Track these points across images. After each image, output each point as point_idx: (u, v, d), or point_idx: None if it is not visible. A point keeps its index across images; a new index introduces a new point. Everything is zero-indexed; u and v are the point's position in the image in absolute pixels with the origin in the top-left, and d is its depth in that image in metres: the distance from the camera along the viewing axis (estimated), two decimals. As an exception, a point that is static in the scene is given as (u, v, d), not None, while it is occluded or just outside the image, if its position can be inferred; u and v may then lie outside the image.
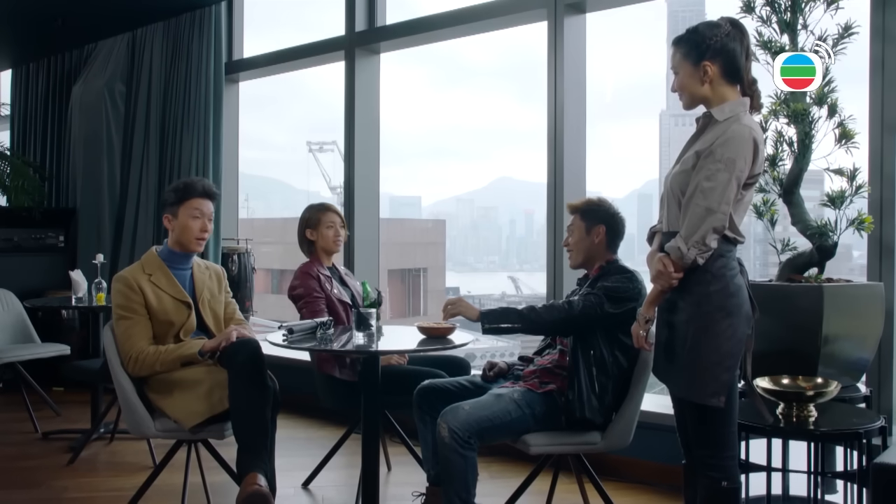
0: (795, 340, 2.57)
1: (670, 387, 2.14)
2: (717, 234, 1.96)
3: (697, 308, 2.01)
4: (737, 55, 2.04)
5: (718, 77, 2.05)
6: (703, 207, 1.96)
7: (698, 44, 2.05)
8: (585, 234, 2.69)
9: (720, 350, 1.99)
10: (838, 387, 2.34)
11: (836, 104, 2.69)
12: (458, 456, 2.37)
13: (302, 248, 3.33)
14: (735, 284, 2.02)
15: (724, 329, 1.99)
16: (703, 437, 2.08)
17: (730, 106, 2.04)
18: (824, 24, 2.72)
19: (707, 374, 2.00)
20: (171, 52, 5.35)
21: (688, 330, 2.02)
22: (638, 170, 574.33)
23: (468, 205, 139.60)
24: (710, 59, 2.04)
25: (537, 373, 2.65)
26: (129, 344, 2.71)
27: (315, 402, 3.35)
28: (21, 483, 3.38)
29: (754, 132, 1.99)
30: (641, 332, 2.13)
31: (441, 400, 2.61)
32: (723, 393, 2.00)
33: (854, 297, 2.65)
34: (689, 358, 2.02)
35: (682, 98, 2.11)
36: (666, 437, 3.17)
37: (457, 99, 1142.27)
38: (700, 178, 1.98)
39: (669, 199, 2.10)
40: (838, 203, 2.67)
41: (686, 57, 2.07)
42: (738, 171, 1.96)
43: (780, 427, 2.30)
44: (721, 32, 2.04)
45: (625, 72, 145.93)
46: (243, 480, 2.46)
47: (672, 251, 2.00)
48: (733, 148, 1.96)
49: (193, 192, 2.84)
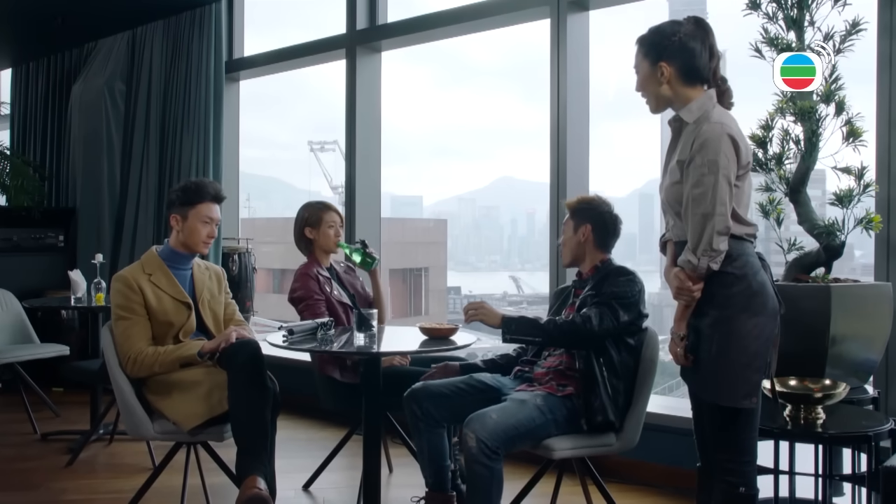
0: (802, 341, 2.53)
1: (699, 392, 2.08)
2: (723, 236, 1.93)
3: (722, 311, 1.96)
4: (696, 55, 2.00)
5: (675, 78, 2.01)
6: (699, 215, 1.92)
7: (657, 43, 2.02)
8: (573, 233, 2.67)
9: (748, 351, 1.95)
10: (847, 389, 2.31)
11: (843, 102, 2.65)
12: (484, 468, 2.30)
13: (299, 247, 3.29)
14: (757, 282, 1.98)
15: (750, 330, 1.95)
16: (724, 441, 2.03)
17: (696, 104, 2.00)
18: (831, 21, 2.69)
19: (738, 377, 1.96)
20: (172, 51, 5.32)
21: (713, 334, 1.97)
22: (639, 169, 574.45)
23: (470, 204, 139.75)
24: (668, 59, 2.00)
25: (550, 375, 2.61)
26: (128, 345, 2.68)
27: (315, 402, 3.32)
28: (19, 485, 3.36)
29: (727, 127, 1.95)
30: (680, 351, 2.04)
31: (435, 404, 2.57)
32: (755, 394, 1.97)
33: (862, 297, 2.62)
34: (719, 362, 1.97)
35: (647, 100, 2.07)
36: (670, 439, 3.15)
37: (460, 98, 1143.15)
38: (689, 188, 1.95)
39: (667, 212, 2.07)
40: (846, 202, 2.63)
41: (645, 56, 2.04)
42: (722, 169, 1.92)
43: (788, 429, 2.26)
44: (681, 31, 2.00)
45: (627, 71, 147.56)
46: (243, 483, 2.43)
47: (685, 265, 1.97)
48: (712, 149, 1.92)
49: (205, 195, 2.81)
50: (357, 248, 3.15)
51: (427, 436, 2.57)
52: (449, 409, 2.58)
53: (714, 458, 2.06)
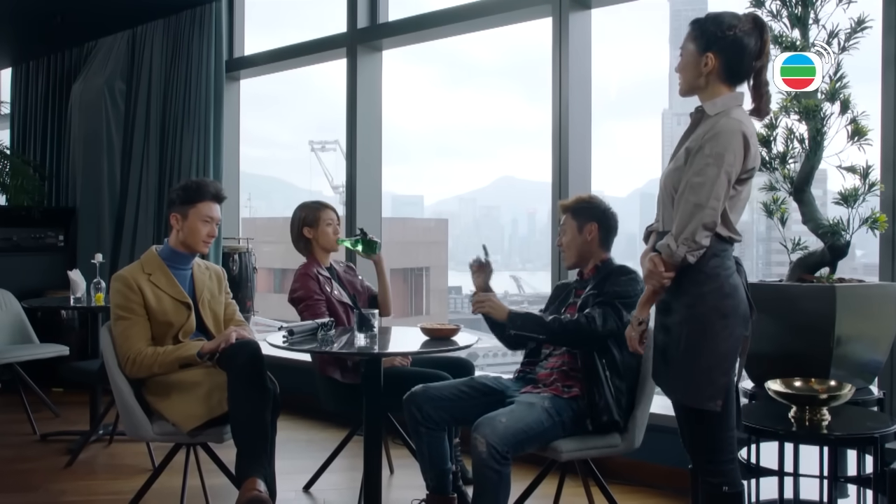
0: (806, 342, 2.51)
1: (667, 392, 2.08)
2: (708, 231, 1.90)
3: (691, 309, 1.95)
4: (745, 55, 1.97)
5: (717, 71, 1.98)
6: (692, 203, 1.89)
7: (710, 32, 1.98)
8: (577, 233, 2.64)
9: (717, 352, 1.93)
10: (852, 390, 2.28)
11: (848, 100, 2.63)
12: (493, 472, 2.28)
13: (298, 248, 3.27)
14: (730, 284, 1.96)
15: (719, 330, 1.93)
16: (700, 442, 2.03)
17: (722, 100, 1.98)
18: (836, 19, 2.67)
19: (703, 377, 1.94)
20: (172, 50, 5.30)
21: (682, 332, 1.96)
22: (640, 169, 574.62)
23: (471, 204, 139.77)
24: (717, 51, 1.97)
25: (555, 376, 2.59)
26: (127, 345, 2.67)
27: (316, 403, 3.30)
28: (17, 486, 3.34)
29: (743, 125, 1.93)
30: (634, 335, 2.06)
31: (435, 407, 2.53)
32: (720, 396, 1.94)
33: (867, 297, 2.59)
34: (685, 361, 1.96)
35: (680, 82, 2.04)
36: (672, 440, 3.11)
37: (462, 98, 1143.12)
38: (690, 175, 1.92)
39: (664, 198, 2.04)
40: (851, 201, 2.61)
41: (695, 41, 2.00)
42: (727, 165, 1.89)
43: (793, 431, 2.24)
44: (739, 27, 1.96)
45: (628, 70, 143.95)
46: (242, 485, 2.42)
47: (663, 249, 1.94)
48: (722, 142, 1.90)
49: (206, 194, 2.80)
50: (357, 238, 3.15)
51: (427, 439, 2.54)
52: (450, 411, 2.56)
53: (694, 458, 2.06)
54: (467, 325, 2.72)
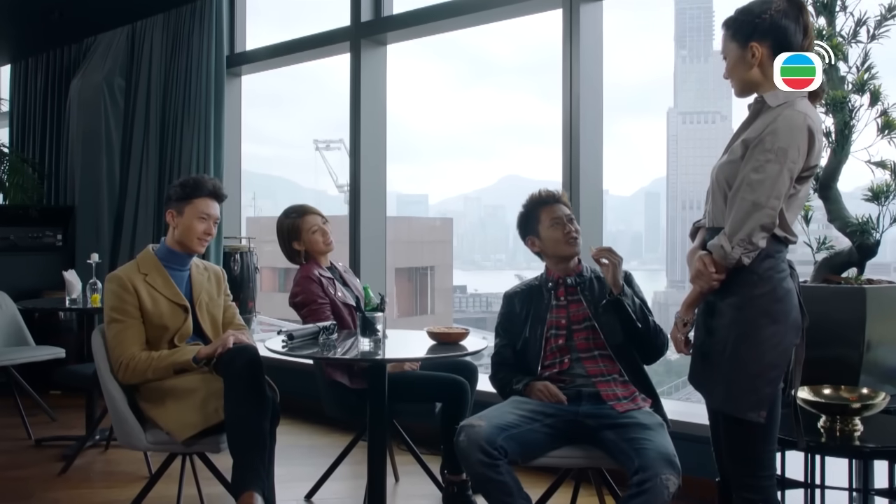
0: (834, 347, 2.38)
1: (706, 396, 1.97)
2: (765, 232, 1.78)
3: (740, 312, 1.83)
4: (789, 33, 1.85)
5: (768, 58, 1.86)
6: (749, 202, 1.77)
7: (746, 23, 1.87)
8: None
9: (763, 360, 1.81)
10: (887, 398, 2.15)
11: (878, 91, 2.50)
12: None
13: (295, 262, 3.16)
14: (783, 288, 1.84)
15: (768, 337, 1.81)
16: (739, 455, 1.90)
17: (785, 91, 1.85)
18: (865, 6, 2.55)
19: (747, 385, 1.82)
20: (172, 45, 5.19)
21: (728, 336, 1.84)
22: (645, 168, 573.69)
23: (475, 203, 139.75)
24: (759, 39, 1.86)
25: (616, 386, 2.43)
26: (121, 349, 2.55)
27: (319, 407, 3.17)
28: (10, 494, 3.23)
29: (809, 119, 1.80)
30: (680, 336, 1.96)
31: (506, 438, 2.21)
32: (763, 408, 1.82)
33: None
34: (729, 367, 1.84)
35: (733, 84, 1.92)
36: (687, 447, 2.99)
37: (476, 96, 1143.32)
38: (748, 170, 1.80)
39: (715, 192, 1.91)
40: (881, 198, 2.48)
41: (733, 38, 1.89)
42: (790, 162, 1.77)
43: (824, 443, 2.10)
44: (772, 8, 1.85)
45: (631, 70, 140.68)
46: (238, 499, 2.30)
47: (714, 250, 1.82)
48: (785, 136, 1.77)
49: (203, 191, 2.69)
50: (376, 303, 3.06)
51: (507, 469, 2.20)
52: (520, 442, 2.26)
53: (730, 471, 1.93)
54: (469, 326, 2.60)
